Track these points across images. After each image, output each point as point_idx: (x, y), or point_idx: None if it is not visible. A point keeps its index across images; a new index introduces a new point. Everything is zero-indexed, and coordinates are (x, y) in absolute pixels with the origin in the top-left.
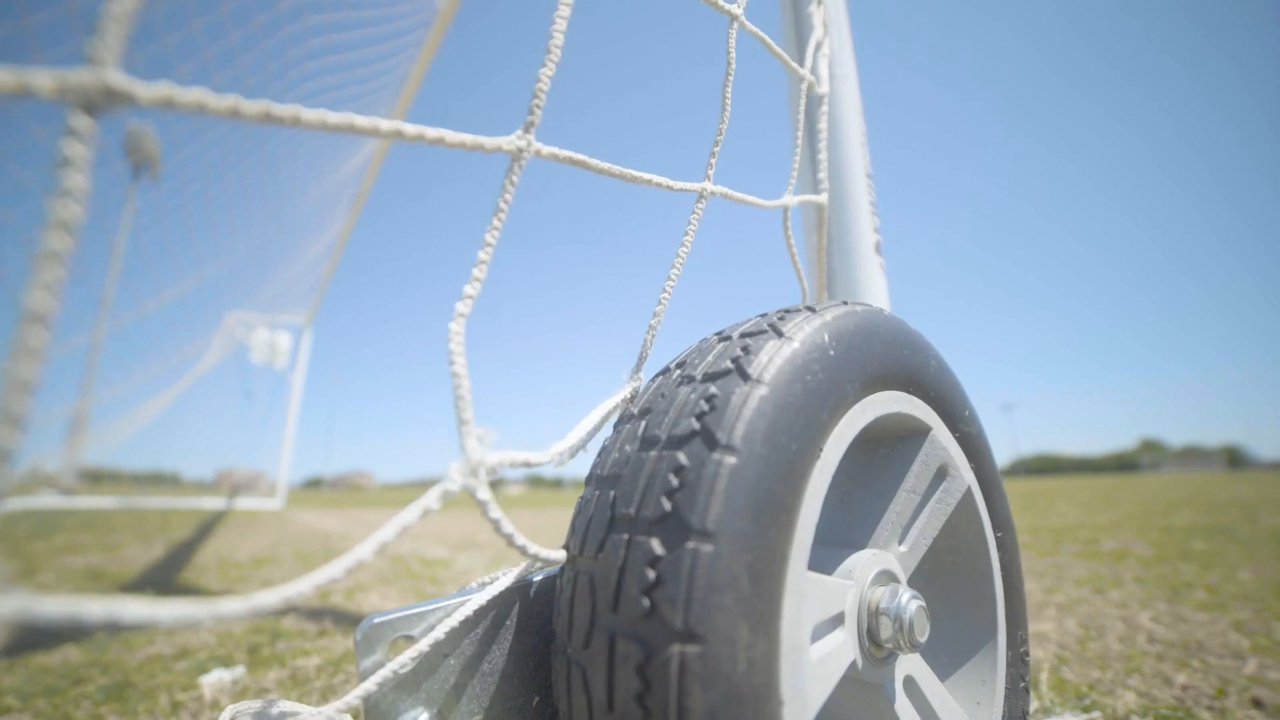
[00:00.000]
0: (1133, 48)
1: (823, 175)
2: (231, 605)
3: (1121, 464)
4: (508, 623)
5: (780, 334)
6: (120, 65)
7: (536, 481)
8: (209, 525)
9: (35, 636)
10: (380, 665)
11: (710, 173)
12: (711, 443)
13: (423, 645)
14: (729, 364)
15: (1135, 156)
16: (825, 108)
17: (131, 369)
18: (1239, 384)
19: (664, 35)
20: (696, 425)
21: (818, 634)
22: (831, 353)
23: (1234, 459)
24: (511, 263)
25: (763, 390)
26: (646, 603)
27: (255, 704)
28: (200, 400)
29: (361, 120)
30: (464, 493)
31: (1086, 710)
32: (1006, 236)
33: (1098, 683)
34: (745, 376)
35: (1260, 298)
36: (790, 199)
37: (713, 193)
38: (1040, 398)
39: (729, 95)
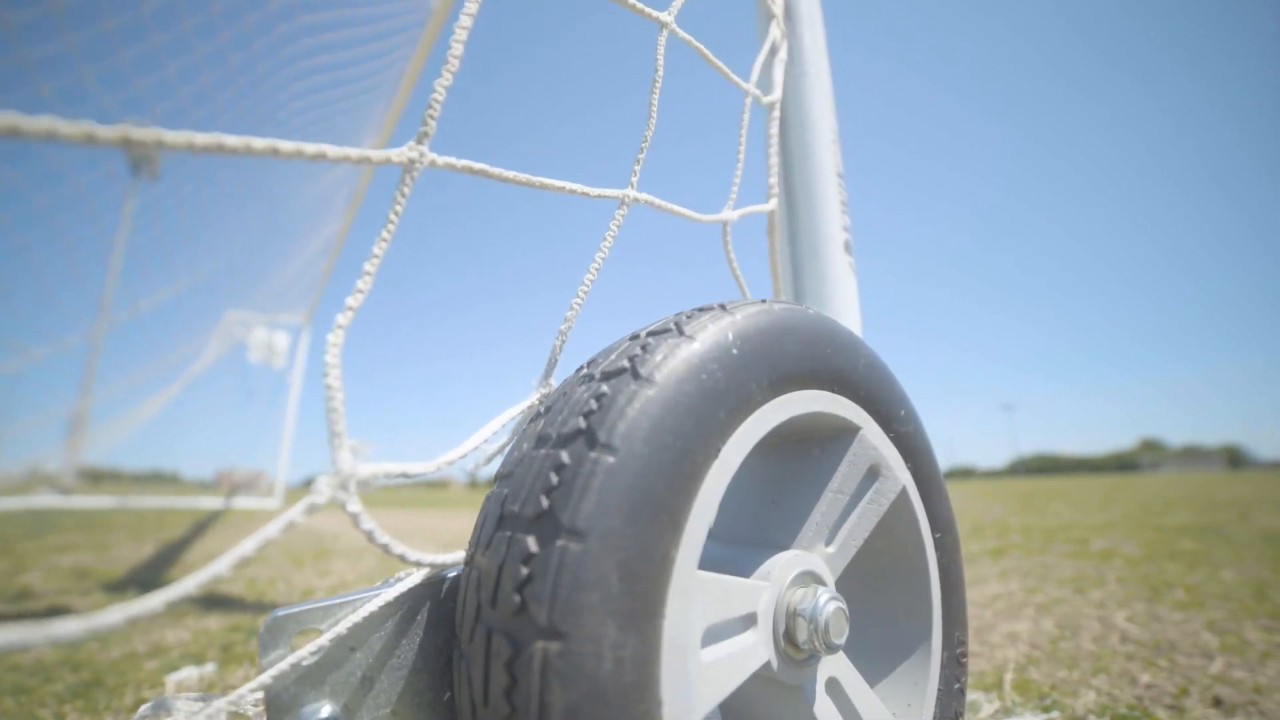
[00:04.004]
0: (1134, 47)
1: (773, 180)
2: (68, 625)
3: (1121, 464)
4: (419, 618)
5: (682, 333)
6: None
7: None
8: (204, 524)
9: None
10: (283, 659)
11: (634, 180)
12: (592, 441)
13: (323, 639)
14: (625, 363)
15: (1135, 156)
16: (777, 113)
17: (130, 369)
18: (1239, 384)
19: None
20: (583, 424)
21: (722, 634)
22: (734, 351)
23: (1234, 459)
24: (505, 269)
25: (650, 390)
26: (518, 599)
27: (164, 699)
28: (200, 400)
29: (232, 140)
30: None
31: (1046, 710)
32: (1006, 236)
33: (1063, 682)
34: (636, 375)
35: (1260, 298)
36: (730, 213)
37: (636, 199)
38: (1040, 398)
39: (655, 103)
